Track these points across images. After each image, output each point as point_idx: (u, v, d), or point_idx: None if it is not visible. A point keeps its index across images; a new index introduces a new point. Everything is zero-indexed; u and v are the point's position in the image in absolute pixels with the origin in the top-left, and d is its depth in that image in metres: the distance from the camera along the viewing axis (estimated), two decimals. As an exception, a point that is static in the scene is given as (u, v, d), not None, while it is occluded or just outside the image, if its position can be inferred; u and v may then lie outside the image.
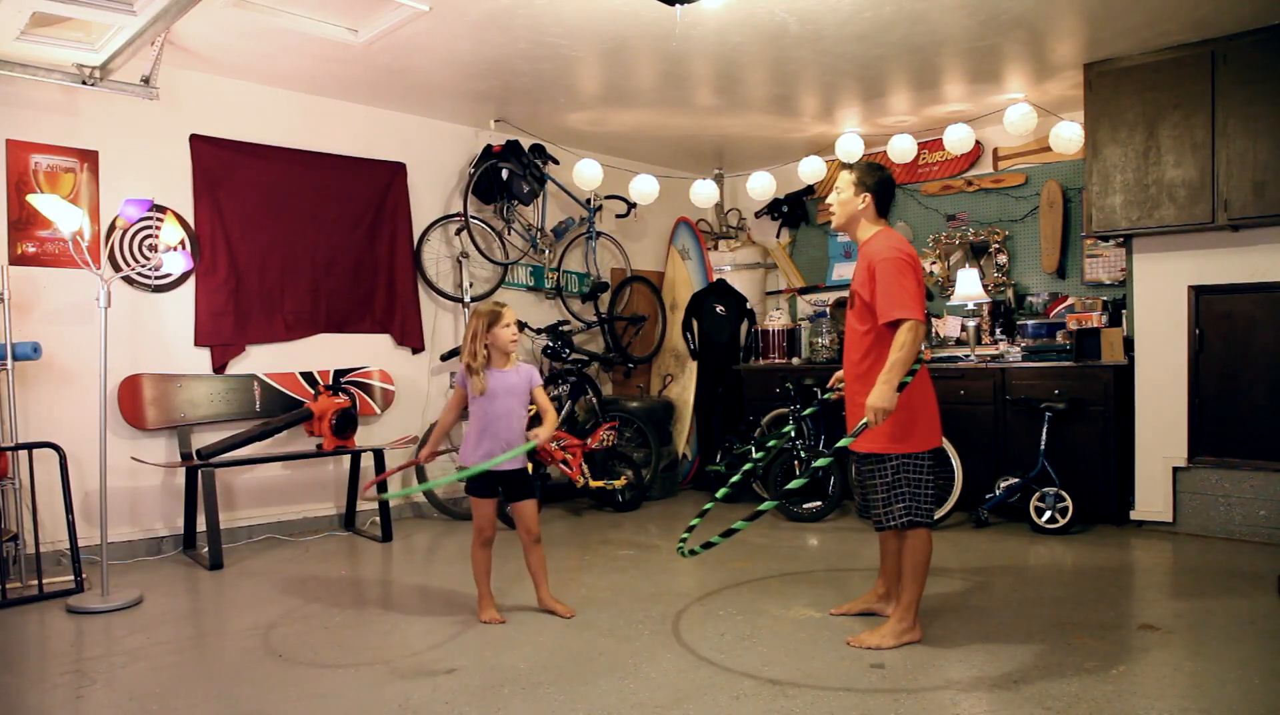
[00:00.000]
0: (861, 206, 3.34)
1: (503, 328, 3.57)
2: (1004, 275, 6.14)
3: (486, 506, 3.57)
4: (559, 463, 5.73)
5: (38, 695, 2.89)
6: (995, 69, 5.08)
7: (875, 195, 3.33)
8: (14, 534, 4.16)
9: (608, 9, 4.15)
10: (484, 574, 3.62)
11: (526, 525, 3.59)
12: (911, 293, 3.09)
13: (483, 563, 3.61)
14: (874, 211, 3.35)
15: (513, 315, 3.62)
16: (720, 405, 6.91)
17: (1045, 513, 5.00)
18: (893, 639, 3.18)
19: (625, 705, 2.71)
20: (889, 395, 3.02)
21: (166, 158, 4.94)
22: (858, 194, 3.34)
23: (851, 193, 3.35)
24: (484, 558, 3.61)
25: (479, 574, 3.63)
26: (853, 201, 3.35)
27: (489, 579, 3.64)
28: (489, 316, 3.56)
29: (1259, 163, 4.53)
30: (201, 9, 3.83)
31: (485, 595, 3.62)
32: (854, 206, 3.35)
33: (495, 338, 3.56)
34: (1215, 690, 2.75)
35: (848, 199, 3.36)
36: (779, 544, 4.94)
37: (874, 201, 3.34)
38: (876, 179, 3.35)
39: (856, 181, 3.35)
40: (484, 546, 3.60)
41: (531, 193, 6.18)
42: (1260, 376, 4.70)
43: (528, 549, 3.64)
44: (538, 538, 3.63)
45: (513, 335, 3.59)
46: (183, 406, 4.88)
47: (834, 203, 3.41)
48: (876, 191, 3.33)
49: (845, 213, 3.37)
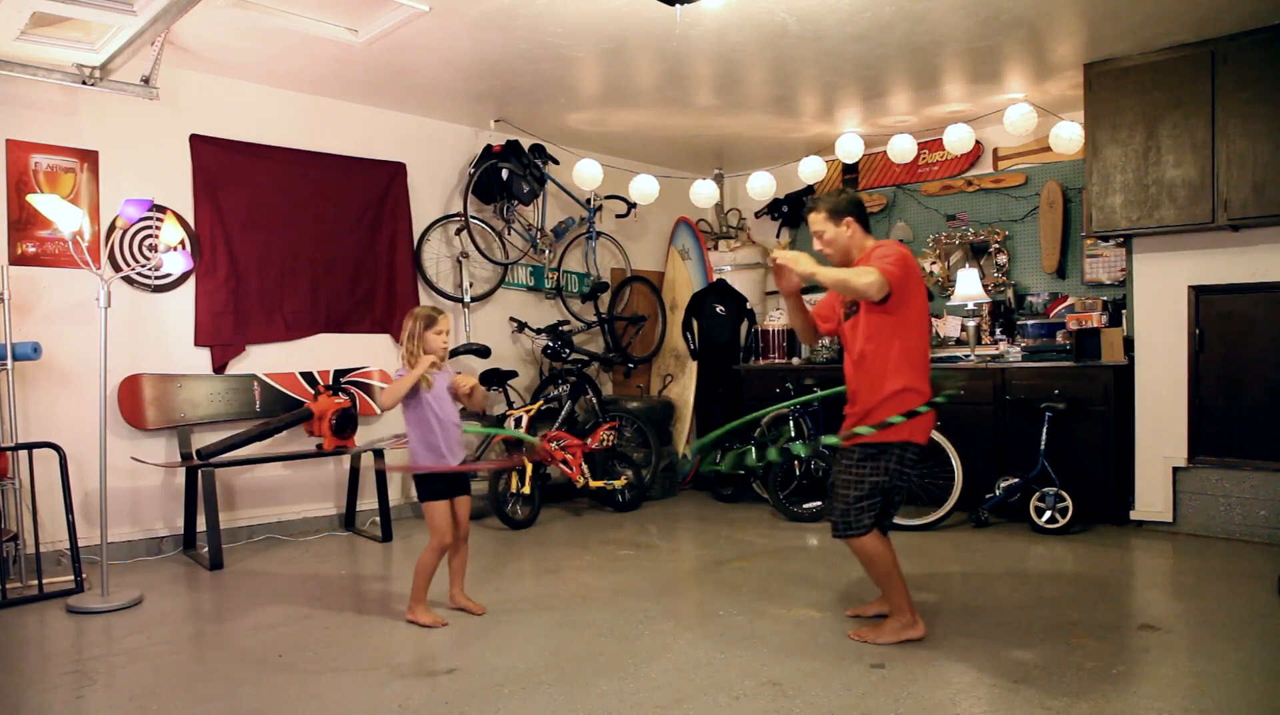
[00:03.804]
0: (849, 233, 3.31)
1: (435, 333, 3.53)
2: (1004, 275, 6.14)
3: (444, 510, 3.54)
4: (559, 463, 5.74)
5: (38, 695, 2.89)
6: (995, 69, 5.08)
7: (854, 216, 3.32)
8: (14, 534, 4.16)
9: (608, 9, 4.15)
10: (428, 579, 3.57)
11: (462, 521, 3.61)
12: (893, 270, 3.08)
13: (432, 569, 3.57)
14: (861, 231, 3.33)
15: (448, 322, 3.59)
16: (720, 405, 6.91)
17: (1045, 513, 5.00)
18: (890, 635, 3.20)
19: (625, 705, 2.71)
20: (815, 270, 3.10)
21: (166, 158, 4.94)
22: (839, 224, 3.31)
23: (833, 226, 3.32)
24: (435, 564, 3.57)
25: (424, 580, 3.56)
26: (840, 232, 3.32)
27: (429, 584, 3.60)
28: (425, 319, 3.54)
29: (1259, 163, 4.53)
30: (201, 9, 3.83)
31: (424, 598, 3.58)
32: (844, 236, 3.32)
33: (427, 342, 3.52)
34: (1215, 690, 2.75)
35: (834, 233, 3.32)
36: (779, 544, 4.94)
37: (856, 221, 3.32)
38: (846, 202, 3.33)
39: (830, 215, 3.32)
40: (440, 553, 3.56)
41: (531, 193, 6.18)
42: (1260, 376, 4.70)
43: (458, 545, 3.63)
44: (467, 535, 3.66)
45: (443, 342, 3.55)
46: (183, 406, 4.88)
47: (822, 246, 3.37)
48: (852, 212, 3.32)
49: (839, 247, 3.34)
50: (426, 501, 3.54)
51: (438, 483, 3.53)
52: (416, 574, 3.57)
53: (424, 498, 3.55)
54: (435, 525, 3.52)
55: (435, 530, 3.53)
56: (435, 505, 3.52)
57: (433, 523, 3.53)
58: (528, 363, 6.53)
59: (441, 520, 3.52)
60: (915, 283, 3.21)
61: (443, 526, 3.53)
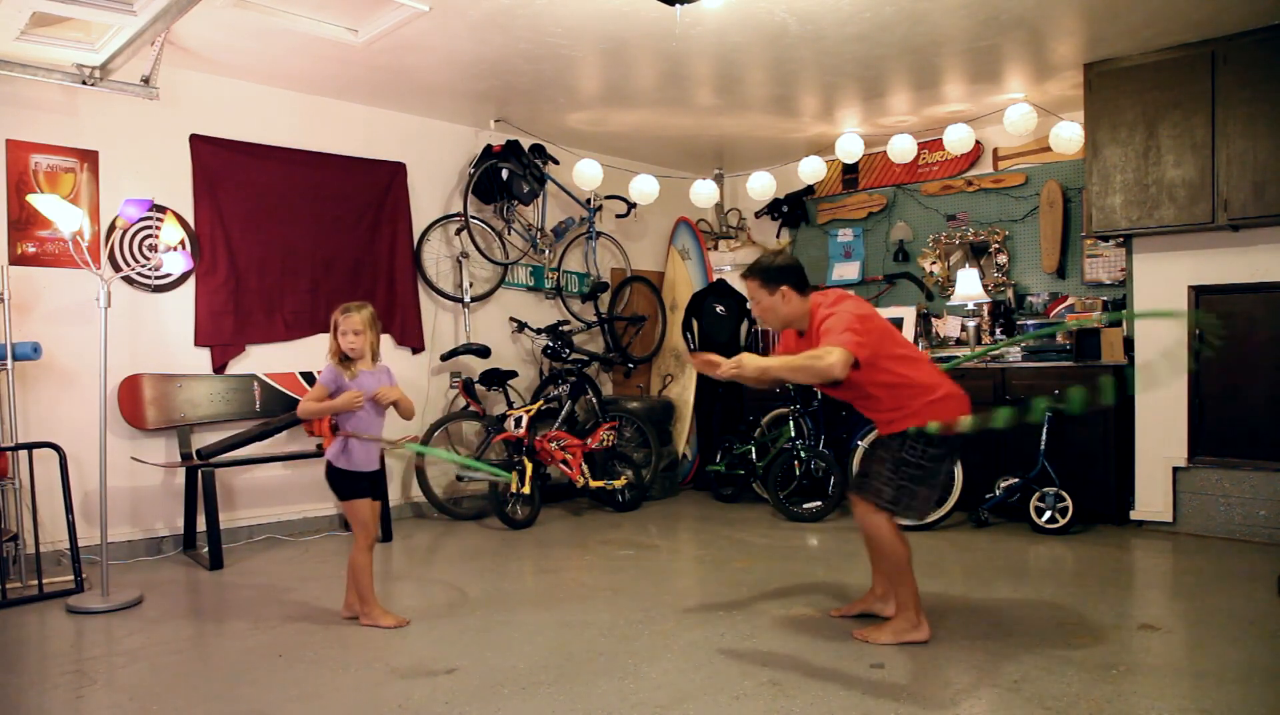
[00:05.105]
0: (784, 301, 3.23)
1: (339, 335, 3.45)
2: (1004, 275, 6.14)
3: (369, 506, 3.52)
4: (559, 463, 5.74)
5: (38, 695, 2.89)
6: (995, 69, 5.08)
7: (790, 283, 3.22)
8: (14, 534, 4.16)
9: (608, 9, 4.15)
10: (371, 577, 3.54)
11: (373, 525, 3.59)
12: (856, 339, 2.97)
13: (369, 567, 3.53)
14: (798, 297, 3.23)
15: (359, 321, 3.43)
16: (720, 405, 6.91)
17: (1045, 513, 5.00)
18: (892, 636, 3.19)
19: (625, 705, 2.71)
20: (767, 364, 3.03)
21: (166, 158, 4.94)
22: (774, 293, 3.23)
23: (767, 295, 3.23)
24: (370, 561, 3.54)
25: (368, 580, 3.51)
26: (775, 302, 3.23)
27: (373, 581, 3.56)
28: (334, 319, 3.47)
29: (1259, 163, 4.53)
30: (201, 9, 3.83)
31: (376, 600, 3.55)
32: (779, 305, 3.23)
33: (339, 341, 3.45)
34: (1215, 690, 2.75)
35: (769, 302, 3.24)
36: (779, 544, 4.94)
37: (793, 288, 3.23)
38: (779, 268, 3.23)
39: (764, 283, 3.23)
40: (371, 549, 3.54)
41: (531, 193, 6.18)
42: (1260, 376, 4.70)
43: (366, 550, 3.56)
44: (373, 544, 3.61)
45: (350, 343, 3.44)
46: (183, 406, 4.88)
47: (759, 315, 3.31)
48: (787, 279, 3.22)
49: (778, 314, 3.26)
50: (349, 500, 3.50)
51: (360, 483, 3.50)
52: (358, 578, 3.51)
53: (346, 496, 3.50)
54: (361, 522, 3.50)
55: (362, 527, 3.50)
56: (358, 503, 3.49)
57: (358, 519, 3.50)
58: (528, 363, 6.53)
59: (367, 516, 3.50)
60: (879, 332, 3.12)
61: (368, 523, 3.51)
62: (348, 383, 3.43)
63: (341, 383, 3.43)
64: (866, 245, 6.93)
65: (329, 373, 3.46)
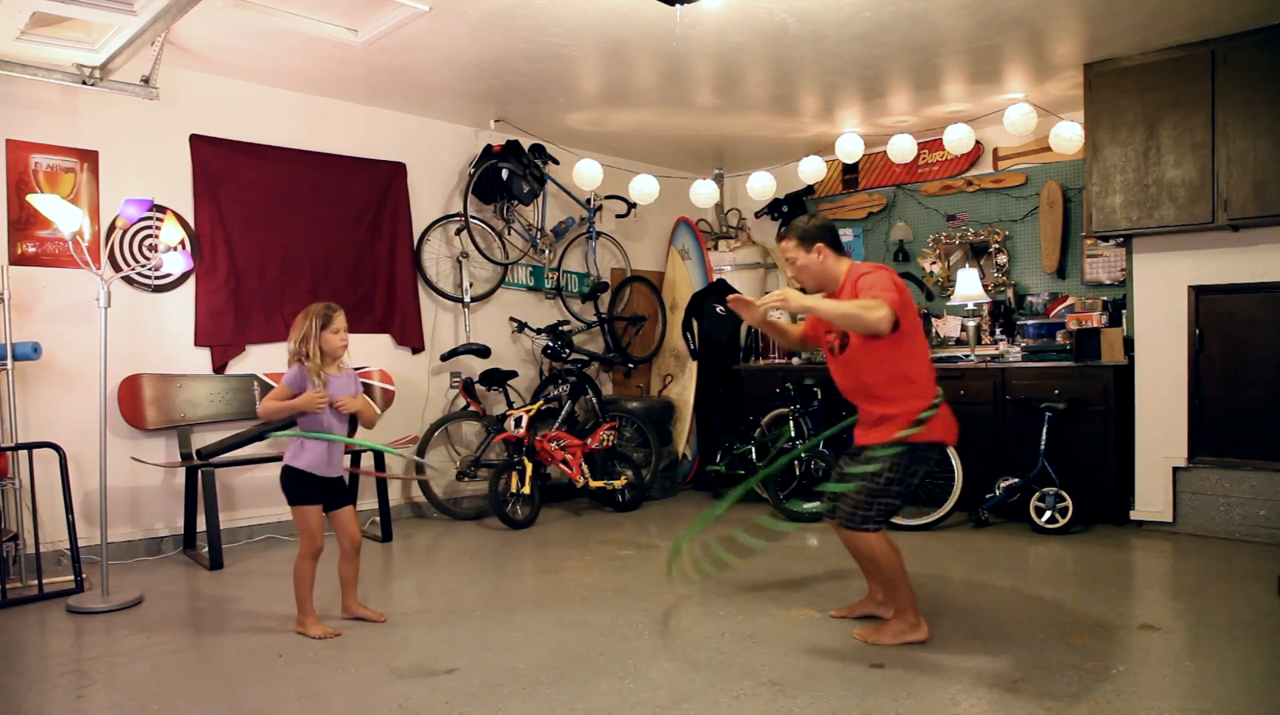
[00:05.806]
0: (821, 258, 3.26)
1: (333, 333, 3.43)
2: (1004, 275, 6.14)
3: (318, 515, 3.46)
4: (559, 463, 5.74)
5: (38, 695, 2.89)
6: (995, 69, 5.08)
7: (825, 241, 3.26)
8: (14, 534, 4.16)
9: (608, 9, 4.15)
10: (310, 587, 3.46)
11: (350, 532, 3.53)
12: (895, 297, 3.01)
13: (310, 576, 3.45)
14: (834, 255, 3.28)
15: (344, 320, 3.46)
16: (720, 405, 6.91)
17: (1045, 513, 5.00)
18: (891, 636, 3.20)
19: (625, 705, 2.71)
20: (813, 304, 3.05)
21: (166, 158, 4.93)
22: (810, 250, 3.26)
23: (804, 253, 3.27)
24: (313, 571, 3.47)
25: (306, 589, 3.44)
26: (811, 259, 3.27)
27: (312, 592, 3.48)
28: (321, 317, 3.42)
29: (1259, 163, 4.53)
30: (201, 9, 3.83)
31: (311, 610, 3.47)
32: (815, 263, 3.27)
33: (325, 342, 3.42)
34: (1215, 690, 2.75)
35: (806, 260, 3.28)
36: (779, 544, 4.93)
37: (828, 247, 3.26)
38: (817, 227, 3.28)
39: (801, 241, 3.27)
40: (315, 559, 3.45)
41: (531, 193, 6.18)
42: (1260, 376, 4.70)
43: (349, 557, 3.55)
44: (358, 546, 3.58)
45: (342, 341, 3.45)
46: (183, 406, 4.88)
47: (794, 273, 3.33)
48: (824, 237, 3.26)
49: (812, 273, 3.29)
50: (296, 505, 3.43)
51: (311, 488, 3.44)
52: (296, 585, 3.46)
53: (295, 502, 3.42)
54: (307, 530, 3.43)
55: (307, 535, 3.43)
56: (307, 510, 3.43)
57: (304, 527, 3.43)
58: (528, 363, 6.53)
59: (314, 524, 3.43)
60: (911, 306, 3.17)
61: (311, 530, 3.43)
62: (317, 385, 3.40)
63: (306, 385, 3.40)
64: (866, 245, 6.93)
65: (294, 374, 3.43)
